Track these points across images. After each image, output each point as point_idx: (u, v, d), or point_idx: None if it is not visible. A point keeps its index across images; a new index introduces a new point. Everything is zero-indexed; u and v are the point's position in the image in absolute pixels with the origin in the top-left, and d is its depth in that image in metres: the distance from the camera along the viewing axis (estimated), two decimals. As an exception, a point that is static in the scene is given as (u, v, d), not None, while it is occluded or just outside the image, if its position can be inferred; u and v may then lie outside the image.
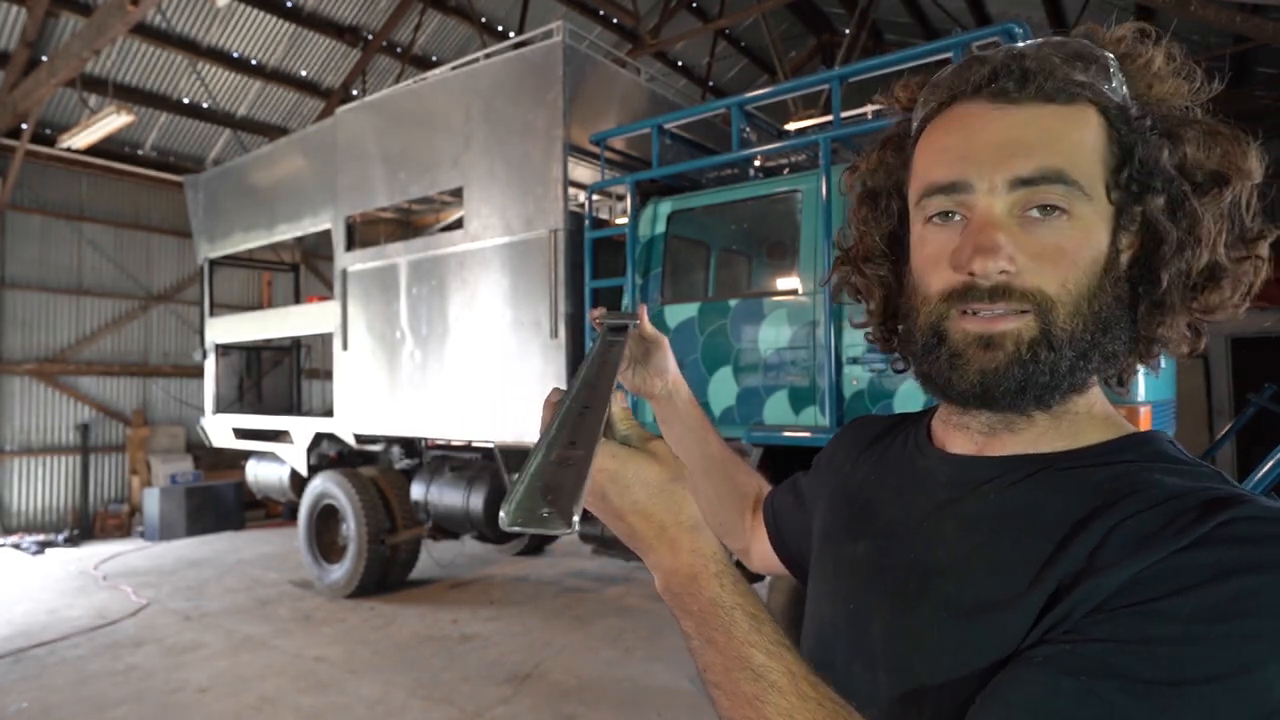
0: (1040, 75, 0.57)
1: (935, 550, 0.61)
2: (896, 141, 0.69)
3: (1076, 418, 0.61)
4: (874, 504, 0.71)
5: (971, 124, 0.59)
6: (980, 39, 3.52)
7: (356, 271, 5.77)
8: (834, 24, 11.23)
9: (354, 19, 9.09)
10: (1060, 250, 0.56)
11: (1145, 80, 0.59)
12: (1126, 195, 0.57)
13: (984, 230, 0.56)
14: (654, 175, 4.50)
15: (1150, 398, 3.17)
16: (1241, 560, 0.46)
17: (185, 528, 8.79)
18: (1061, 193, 0.55)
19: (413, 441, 6.17)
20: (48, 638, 5.02)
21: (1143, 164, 0.57)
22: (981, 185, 0.57)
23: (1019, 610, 0.53)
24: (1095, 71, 0.57)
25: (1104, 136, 0.57)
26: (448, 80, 5.26)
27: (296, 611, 5.64)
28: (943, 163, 0.59)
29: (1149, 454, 0.58)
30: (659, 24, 9.47)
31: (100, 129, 7.39)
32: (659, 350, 0.92)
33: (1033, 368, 0.57)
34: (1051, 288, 0.56)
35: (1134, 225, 0.58)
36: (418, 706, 3.88)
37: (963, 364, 0.59)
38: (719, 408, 4.06)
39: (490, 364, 4.88)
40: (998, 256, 0.55)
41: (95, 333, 9.53)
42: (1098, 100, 0.57)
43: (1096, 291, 0.57)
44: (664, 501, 0.54)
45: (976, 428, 0.63)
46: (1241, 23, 5.90)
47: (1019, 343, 0.56)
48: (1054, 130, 0.56)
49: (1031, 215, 0.56)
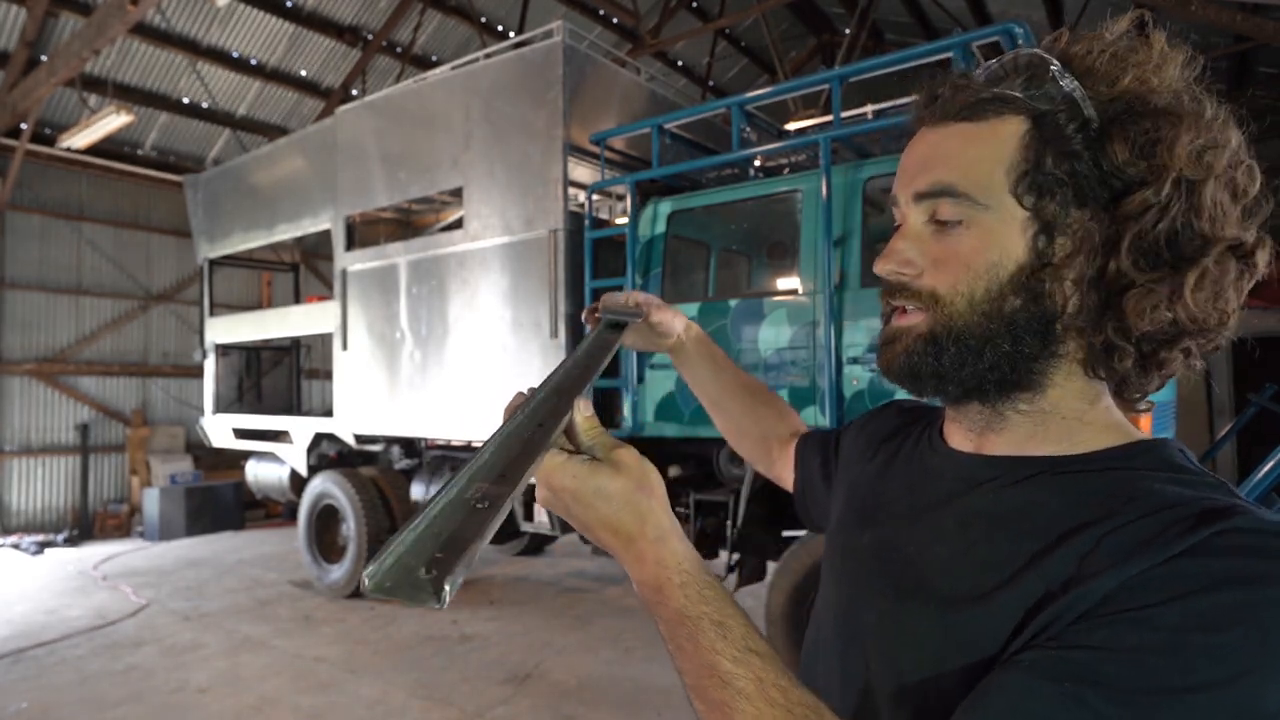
0: (953, 95, 0.62)
1: (933, 546, 0.63)
2: None
3: (1065, 421, 0.62)
4: (884, 497, 0.74)
5: (910, 145, 0.67)
6: (980, 39, 3.52)
7: (356, 271, 5.77)
8: (834, 24, 11.23)
9: (354, 19, 9.09)
10: (955, 255, 0.61)
11: (1109, 76, 0.57)
12: (1047, 199, 0.58)
13: (895, 238, 0.65)
14: (654, 175, 4.50)
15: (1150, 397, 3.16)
16: (1231, 572, 0.47)
17: (185, 528, 8.79)
18: (950, 204, 0.61)
19: (413, 441, 6.16)
20: (47, 638, 5.02)
21: (1044, 169, 0.57)
22: (902, 199, 0.65)
23: (1001, 608, 0.54)
24: (1023, 82, 0.58)
25: (1019, 146, 0.59)
26: (448, 80, 5.26)
27: (296, 611, 5.64)
28: (894, 182, 0.68)
29: (1153, 461, 0.58)
30: (659, 24, 9.47)
31: (100, 129, 7.39)
32: (663, 316, 0.98)
33: (917, 359, 0.63)
34: (943, 288, 0.62)
35: (1076, 228, 0.57)
36: (418, 706, 3.88)
37: (880, 355, 0.67)
38: (719, 408, 4.05)
39: (490, 364, 4.88)
40: (891, 260, 0.64)
41: (95, 333, 9.53)
42: (1025, 110, 0.59)
43: (995, 294, 0.60)
44: (629, 514, 0.55)
45: (966, 423, 0.68)
46: (1241, 22, 5.90)
47: (909, 336, 0.64)
48: (948, 148, 0.62)
49: (939, 223, 0.62)
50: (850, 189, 3.68)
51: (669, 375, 4.27)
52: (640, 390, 4.36)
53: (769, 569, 4.26)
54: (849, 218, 3.68)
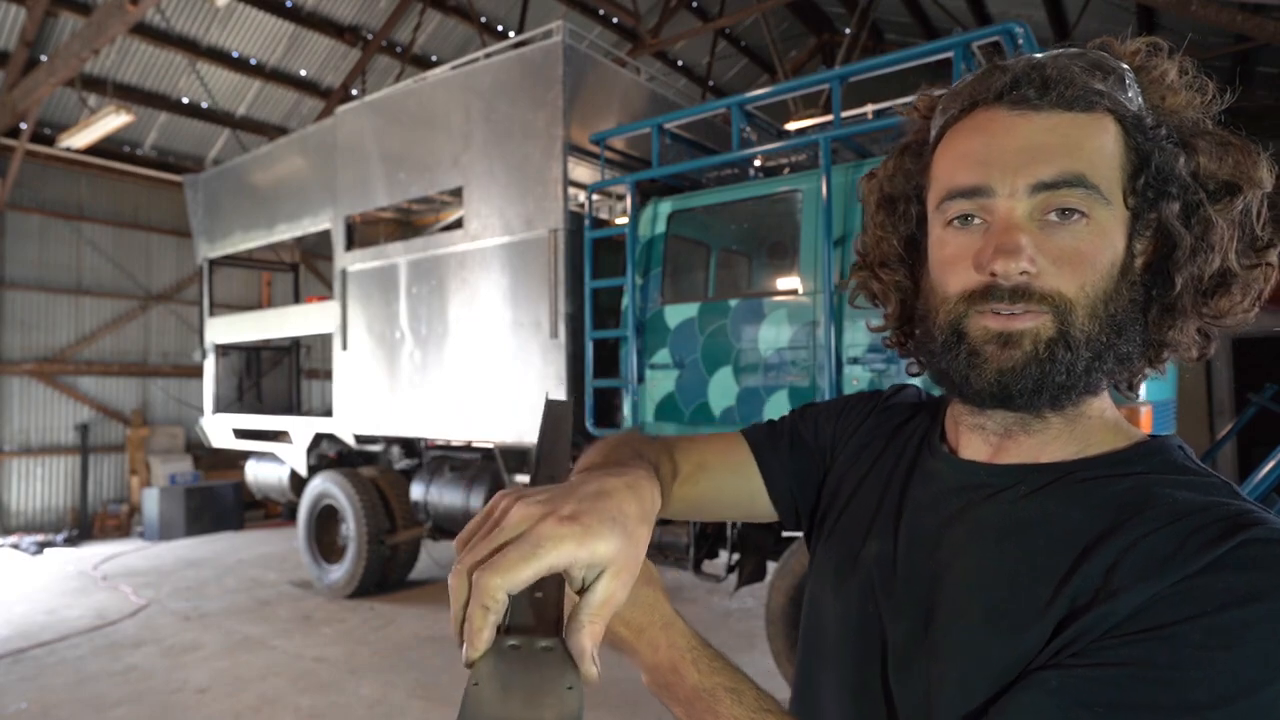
0: (1060, 83, 0.58)
1: (953, 560, 0.61)
2: (915, 148, 0.70)
3: (1089, 422, 0.62)
4: (883, 504, 0.71)
5: (993, 130, 0.60)
6: (980, 39, 3.52)
7: (356, 271, 5.76)
8: (834, 24, 11.23)
9: (354, 19, 9.09)
10: (1079, 253, 0.57)
11: (1159, 92, 0.60)
12: (1143, 201, 0.59)
13: (1007, 232, 0.57)
14: (654, 175, 4.49)
15: (1151, 398, 3.17)
16: (1253, 586, 0.47)
17: (184, 528, 8.78)
18: (1081, 196, 0.56)
19: (412, 442, 6.16)
20: (47, 638, 5.02)
21: (1159, 171, 0.58)
22: (1003, 190, 0.58)
23: (1035, 627, 0.54)
24: (1112, 82, 0.58)
25: (1121, 144, 0.58)
26: (448, 80, 5.25)
27: (296, 612, 5.64)
28: (964, 167, 0.60)
29: (1160, 464, 0.59)
30: (659, 24, 9.47)
31: (100, 129, 7.39)
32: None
33: (1050, 366, 0.57)
34: (1070, 290, 0.57)
35: (1149, 231, 0.59)
36: (418, 706, 3.88)
37: (981, 361, 0.59)
38: (719, 407, 4.05)
39: (490, 364, 4.88)
40: (1020, 257, 0.56)
41: (94, 333, 9.52)
42: (1115, 109, 0.58)
43: (1113, 294, 0.58)
44: (638, 607, 0.58)
45: (992, 428, 0.64)
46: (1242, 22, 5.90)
47: (1037, 341, 0.57)
48: (1074, 136, 0.57)
49: (1051, 219, 0.57)
50: (850, 189, 3.68)
51: (669, 375, 4.26)
52: (640, 390, 4.36)
53: (769, 569, 4.26)
54: (849, 218, 3.68)
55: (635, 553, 0.49)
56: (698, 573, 4.36)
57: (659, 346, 4.30)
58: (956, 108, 0.63)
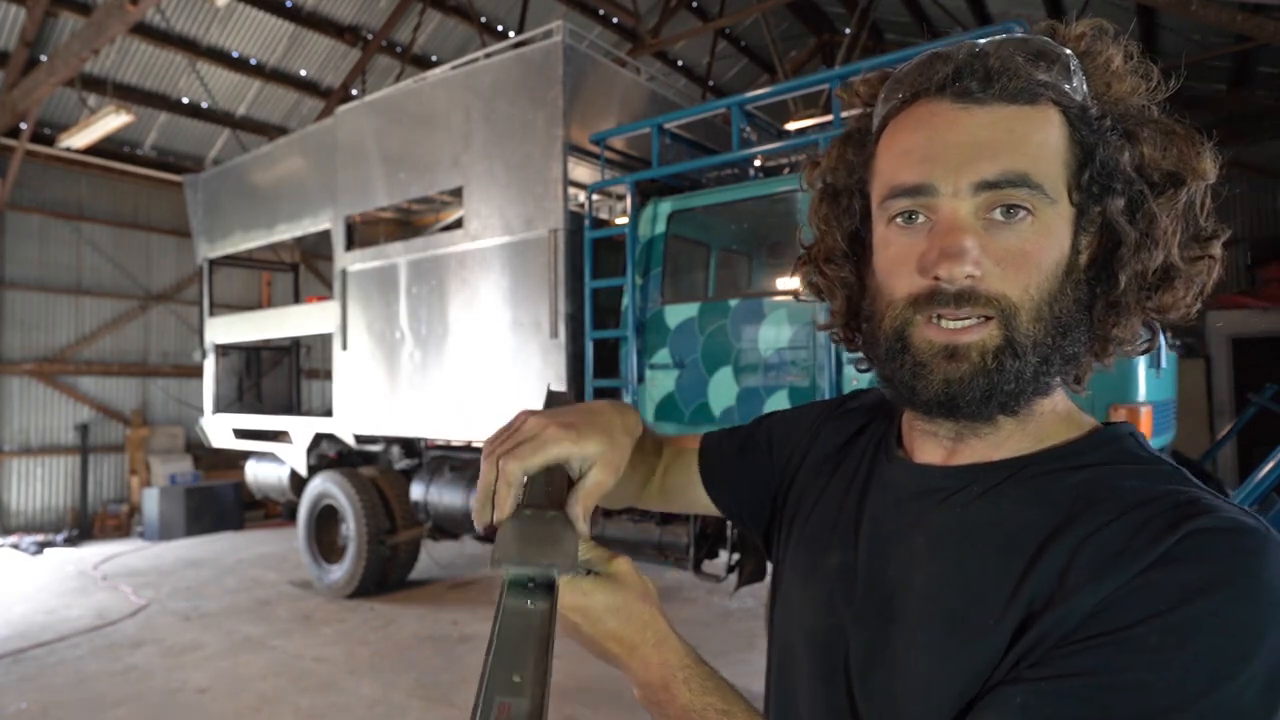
0: (1004, 75, 0.56)
1: (910, 569, 0.61)
2: (857, 138, 0.67)
3: (1041, 418, 0.61)
4: (843, 514, 0.70)
5: (936, 124, 0.57)
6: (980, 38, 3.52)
7: (356, 271, 5.76)
8: (834, 24, 11.22)
9: (354, 19, 9.09)
10: (1024, 254, 0.55)
11: (1104, 79, 0.58)
12: (1087, 197, 0.57)
13: (951, 234, 0.55)
14: (654, 175, 4.50)
15: (1151, 398, 3.16)
16: (1203, 580, 0.47)
17: (184, 528, 8.78)
18: (1025, 195, 0.55)
19: (412, 442, 6.16)
20: (47, 638, 5.02)
21: (1104, 166, 0.57)
22: (946, 188, 0.56)
23: (995, 632, 0.53)
24: (1057, 70, 0.57)
25: (1066, 138, 0.57)
26: (448, 80, 5.25)
27: (296, 612, 5.64)
28: (906, 164, 0.58)
29: (1112, 454, 0.58)
30: (659, 24, 9.47)
31: (99, 129, 7.39)
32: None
33: (998, 377, 0.56)
34: (1015, 293, 0.55)
35: (1093, 227, 0.58)
36: (418, 706, 3.88)
37: (927, 374, 0.58)
38: (719, 407, 4.05)
39: (490, 364, 4.88)
40: (964, 261, 0.54)
41: (94, 333, 9.52)
42: (1060, 100, 0.57)
43: (1058, 295, 0.56)
44: (633, 623, 0.58)
45: (944, 434, 0.63)
46: (1242, 22, 5.90)
47: (984, 352, 0.56)
48: (1018, 132, 0.55)
49: (995, 218, 0.55)
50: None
51: (669, 375, 4.27)
52: (640, 390, 4.36)
53: (769, 569, 4.25)
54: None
55: (618, 454, 0.65)
56: (698, 573, 4.36)
57: (659, 346, 4.30)
58: (899, 97, 0.61)
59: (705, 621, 5.21)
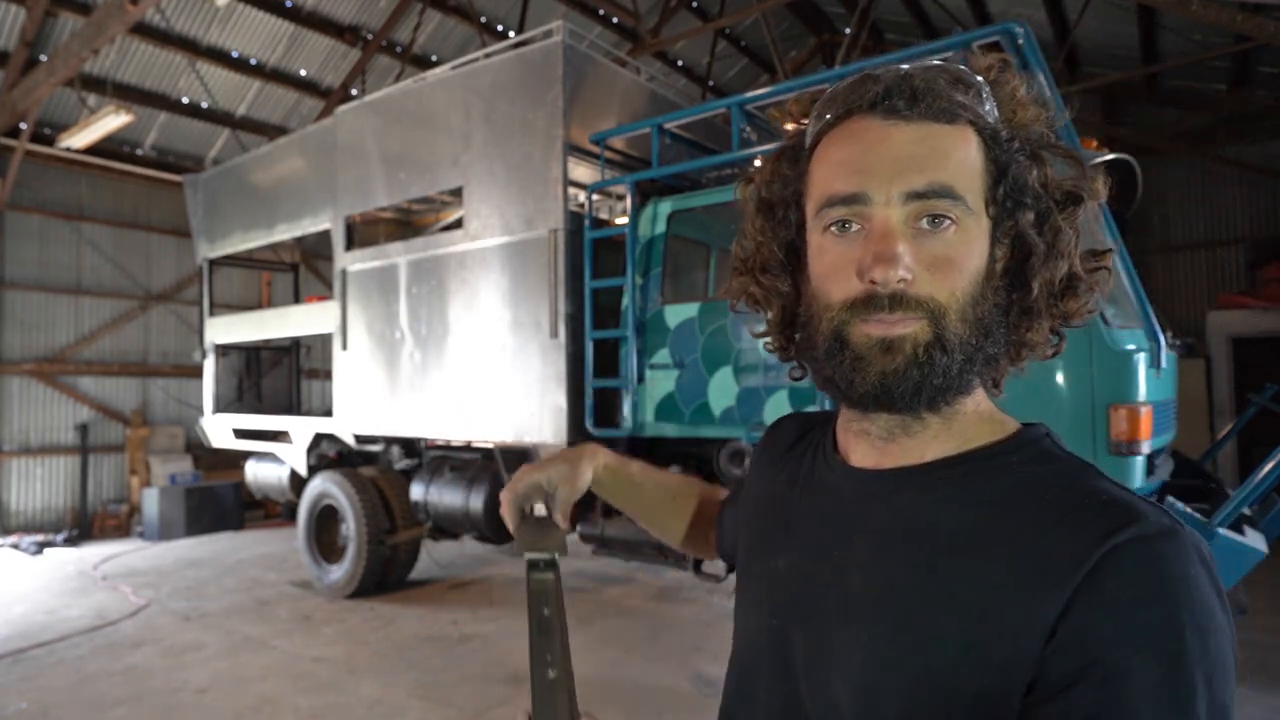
0: (928, 95, 0.61)
1: (849, 571, 0.64)
2: (792, 153, 0.71)
3: (965, 418, 0.65)
4: (788, 517, 0.74)
5: (868, 139, 0.62)
6: (980, 38, 3.52)
7: (356, 271, 5.76)
8: (834, 24, 11.22)
9: (354, 18, 9.08)
10: (949, 260, 0.60)
11: (1011, 106, 0.64)
12: (1002, 210, 0.63)
13: (884, 240, 0.59)
14: (654, 175, 4.49)
15: (1151, 398, 3.16)
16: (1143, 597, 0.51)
17: (184, 528, 8.78)
18: (949, 206, 0.59)
19: (412, 442, 6.16)
20: (47, 638, 5.02)
21: (1015, 181, 0.62)
22: (879, 197, 0.60)
23: (940, 634, 0.57)
24: (973, 95, 0.62)
25: (982, 155, 0.62)
26: (447, 80, 5.25)
27: (296, 612, 5.64)
28: (841, 175, 0.62)
29: (1033, 455, 0.63)
30: (659, 24, 9.46)
31: (99, 129, 7.38)
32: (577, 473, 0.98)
33: (928, 369, 0.60)
34: (942, 295, 0.60)
35: (1007, 238, 0.63)
36: (418, 706, 3.88)
37: (865, 366, 0.61)
38: (719, 408, 4.05)
39: (490, 364, 4.88)
40: (897, 265, 0.58)
41: (94, 333, 9.52)
42: (976, 121, 0.62)
43: (979, 299, 0.61)
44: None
45: (876, 433, 0.66)
46: (1242, 22, 5.90)
47: (916, 346, 0.60)
48: (942, 147, 0.60)
49: (923, 226, 0.60)
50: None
51: (669, 375, 4.26)
52: (640, 390, 4.36)
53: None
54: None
55: (576, 474, 0.96)
56: (698, 573, 4.36)
57: (659, 346, 4.30)
58: (831, 114, 0.65)
59: (706, 621, 5.21)
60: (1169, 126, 9.72)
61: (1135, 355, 3.10)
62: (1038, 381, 3.21)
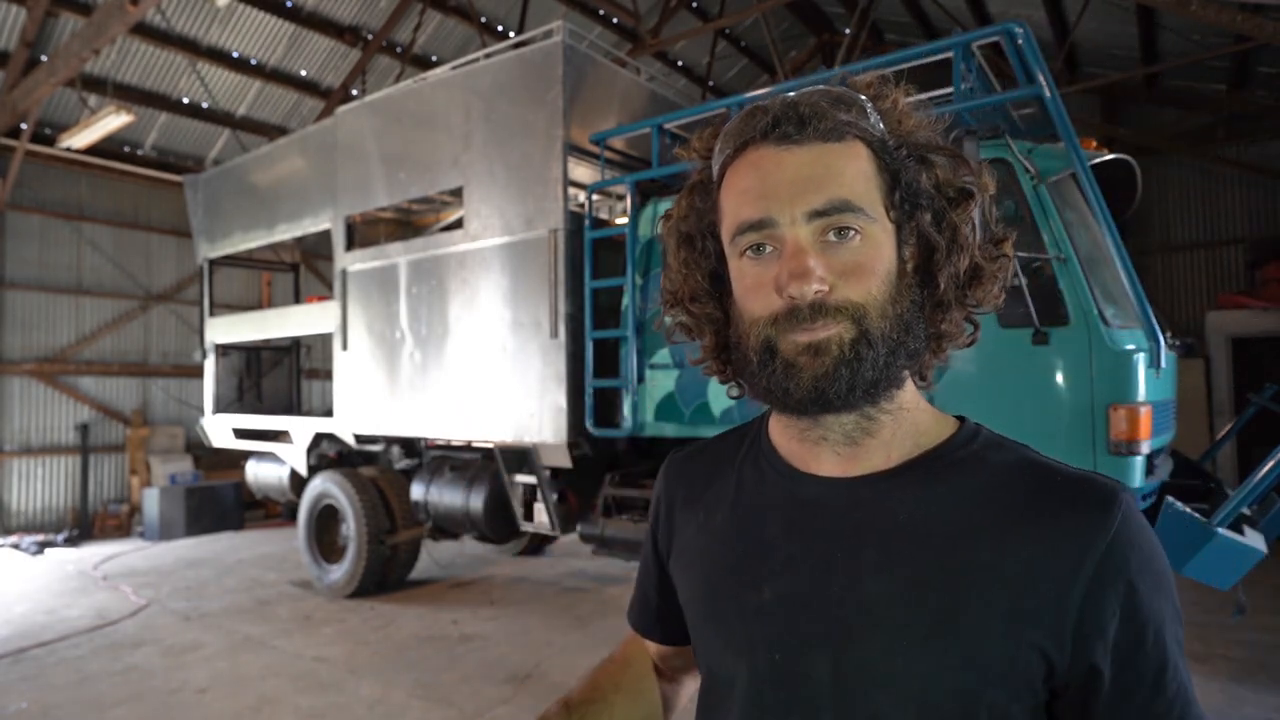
0: (815, 118, 0.65)
1: (864, 579, 0.64)
2: (702, 187, 0.74)
3: (910, 414, 0.69)
4: (763, 543, 0.71)
5: (765, 166, 0.65)
6: (980, 39, 3.52)
7: (356, 271, 5.76)
8: (834, 24, 11.22)
9: (354, 19, 9.09)
10: (860, 266, 0.64)
11: (895, 117, 0.68)
12: (902, 213, 0.66)
13: (795, 257, 0.63)
14: (654, 175, 4.50)
15: (1151, 398, 3.16)
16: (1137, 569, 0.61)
17: (185, 528, 8.78)
18: (850, 218, 0.63)
19: (413, 441, 6.16)
20: (47, 638, 5.02)
21: (909, 186, 0.66)
22: (784, 219, 0.64)
23: (983, 623, 0.60)
24: (856, 112, 0.66)
25: (874, 165, 0.66)
26: (448, 80, 5.25)
27: (296, 612, 5.64)
28: (747, 203, 0.66)
29: (985, 444, 0.69)
30: (659, 24, 9.46)
31: (100, 129, 7.39)
32: None
33: (856, 366, 0.63)
34: (859, 297, 0.63)
35: (912, 239, 0.67)
36: (418, 707, 3.88)
37: (796, 371, 0.64)
38: (719, 407, 4.06)
39: (490, 364, 4.88)
40: (810, 279, 0.62)
41: (95, 333, 9.52)
42: (863, 136, 0.66)
43: (896, 297, 0.65)
44: None
45: (834, 439, 0.69)
46: (1242, 22, 5.89)
47: (841, 345, 0.63)
48: (835, 165, 0.64)
49: (830, 239, 0.64)
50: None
51: (669, 375, 4.27)
52: (640, 390, 4.36)
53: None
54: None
55: None
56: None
57: (659, 346, 4.30)
58: (730, 148, 0.69)
59: (705, 621, 5.21)
60: (1169, 126, 9.72)
61: (1135, 355, 3.10)
62: (1038, 381, 3.21)
